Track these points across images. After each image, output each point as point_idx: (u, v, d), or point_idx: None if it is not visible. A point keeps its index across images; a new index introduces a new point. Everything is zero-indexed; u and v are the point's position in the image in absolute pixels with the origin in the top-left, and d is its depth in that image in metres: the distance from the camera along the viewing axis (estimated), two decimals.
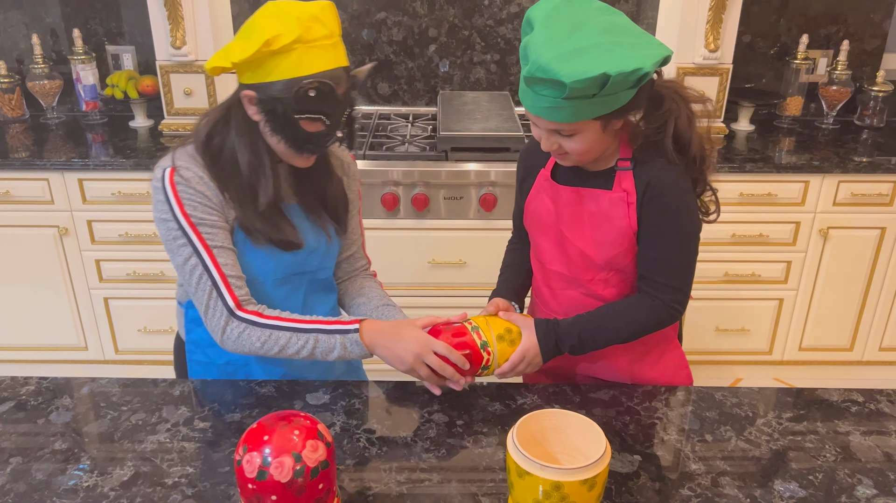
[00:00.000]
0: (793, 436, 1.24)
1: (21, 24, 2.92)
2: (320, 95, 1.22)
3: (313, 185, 1.40)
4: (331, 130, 1.27)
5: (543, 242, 1.43)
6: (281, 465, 0.96)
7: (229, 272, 1.28)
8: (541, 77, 1.14)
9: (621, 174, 1.31)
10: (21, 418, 1.27)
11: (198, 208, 1.27)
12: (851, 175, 2.55)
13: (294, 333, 1.28)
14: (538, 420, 1.07)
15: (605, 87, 1.14)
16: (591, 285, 1.39)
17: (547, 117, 1.20)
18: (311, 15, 1.20)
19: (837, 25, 2.95)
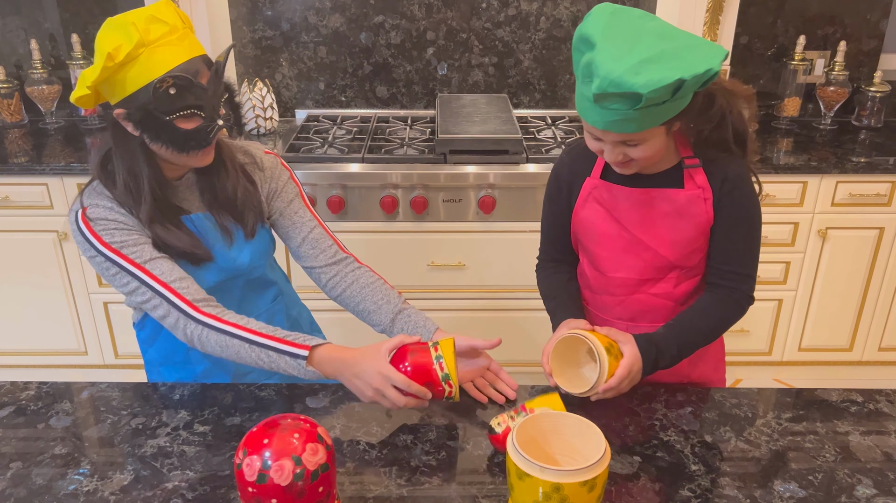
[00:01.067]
0: (792, 436, 1.25)
1: (20, 29, 2.93)
2: (182, 90, 1.19)
3: (213, 189, 1.38)
4: (210, 121, 1.25)
5: (601, 251, 1.41)
6: (281, 469, 0.96)
7: (169, 279, 1.28)
8: (614, 92, 1.12)
9: (691, 171, 1.33)
10: (21, 423, 1.27)
11: (115, 234, 1.28)
12: (850, 175, 2.55)
13: (248, 345, 1.27)
14: (537, 422, 1.07)
15: (678, 92, 1.14)
16: (662, 284, 1.40)
17: (617, 130, 1.19)
18: (147, 16, 1.18)
19: (834, 26, 2.95)
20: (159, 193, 1.31)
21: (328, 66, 2.97)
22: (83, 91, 1.21)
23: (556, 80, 3.01)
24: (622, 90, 1.11)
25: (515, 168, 2.47)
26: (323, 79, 3.00)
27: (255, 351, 1.27)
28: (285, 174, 1.50)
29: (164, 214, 1.32)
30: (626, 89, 1.11)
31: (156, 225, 1.31)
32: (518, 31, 2.93)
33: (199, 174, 1.37)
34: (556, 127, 2.84)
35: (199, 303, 1.29)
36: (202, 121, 1.24)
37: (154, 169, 1.30)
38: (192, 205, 1.38)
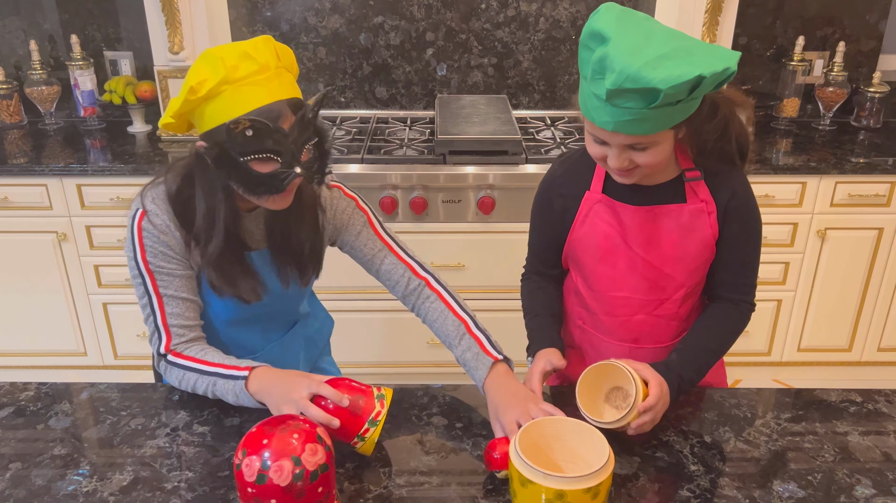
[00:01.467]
0: (791, 436, 1.25)
1: (19, 30, 2.93)
2: (259, 133, 1.15)
3: (282, 230, 1.36)
4: (287, 167, 1.19)
5: (603, 269, 1.37)
6: (280, 469, 0.96)
7: (172, 321, 1.31)
8: (630, 87, 1.07)
9: (693, 185, 1.30)
10: (20, 424, 1.27)
11: (158, 256, 1.29)
12: (848, 176, 2.55)
13: (199, 375, 1.29)
14: (540, 428, 1.07)
15: (694, 91, 1.09)
16: (665, 305, 1.36)
17: (628, 131, 1.14)
18: (240, 53, 1.15)
19: (833, 27, 2.96)
20: (231, 228, 1.29)
21: (327, 67, 2.98)
22: (168, 119, 1.21)
23: (556, 81, 3.01)
24: (640, 85, 1.06)
25: (515, 169, 2.47)
26: (322, 79, 3.00)
27: (206, 380, 1.28)
28: (350, 205, 1.44)
29: (229, 251, 1.30)
30: (644, 84, 1.06)
31: (212, 268, 1.29)
32: (517, 31, 2.93)
33: (270, 210, 1.32)
34: (556, 127, 2.84)
35: (176, 347, 1.32)
36: (278, 165, 1.19)
37: (231, 205, 1.27)
38: (254, 240, 1.36)
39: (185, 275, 1.32)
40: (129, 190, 2.53)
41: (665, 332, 1.40)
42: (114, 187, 2.53)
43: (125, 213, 1.32)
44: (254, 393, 1.23)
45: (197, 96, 1.15)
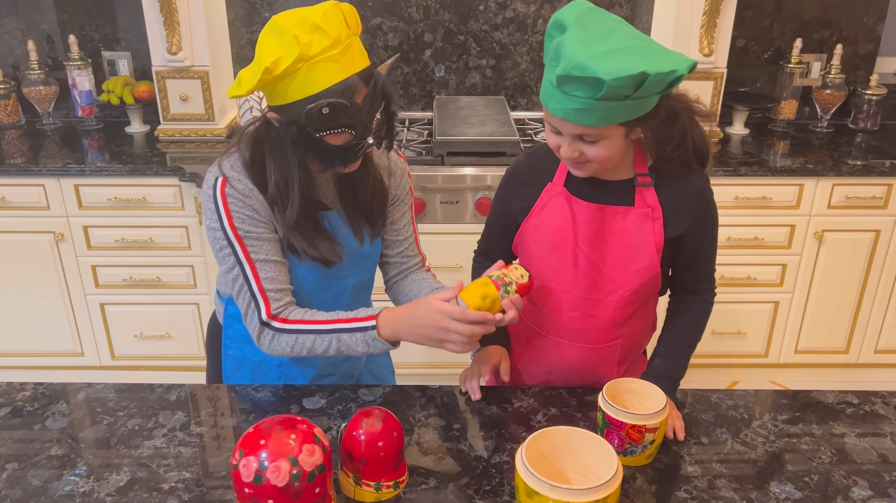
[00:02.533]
0: (788, 438, 1.25)
1: (17, 30, 2.92)
2: (335, 110, 1.17)
3: (352, 189, 1.38)
4: (360, 139, 1.22)
5: (550, 260, 1.38)
6: (278, 470, 0.96)
7: (268, 286, 1.29)
8: (577, 75, 1.11)
9: (642, 189, 1.32)
10: (17, 424, 1.27)
11: (246, 221, 1.28)
12: (846, 178, 2.56)
13: (317, 335, 1.28)
14: (548, 437, 1.06)
15: (640, 89, 1.12)
16: (600, 306, 1.37)
17: (576, 120, 1.17)
18: (311, 26, 1.14)
19: (831, 30, 2.96)
20: (307, 192, 1.30)
21: None
22: (241, 92, 1.18)
23: None
24: (585, 74, 1.10)
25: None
26: None
27: (326, 338, 1.27)
28: (407, 183, 1.48)
29: (306, 214, 1.30)
30: (590, 74, 1.10)
31: (295, 231, 1.29)
32: (515, 33, 2.93)
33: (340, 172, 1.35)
34: None
35: (278, 312, 1.30)
36: (352, 137, 1.21)
37: (305, 172, 1.29)
38: (329, 200, 1.37)
39: (273, 237, 1.30)
40: (127, 190, 2.53)
41: (595, 334, 1.40)
42: (111, 187, 2.53)
43: (124, 214, 1.31)
44: (388, 337, 1.26)
45: (272, 75, 1.15)
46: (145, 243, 2.59)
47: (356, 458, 1.08)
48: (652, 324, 1.50)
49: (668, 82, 1.14)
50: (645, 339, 1.51)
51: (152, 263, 2.63)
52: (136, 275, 2.65)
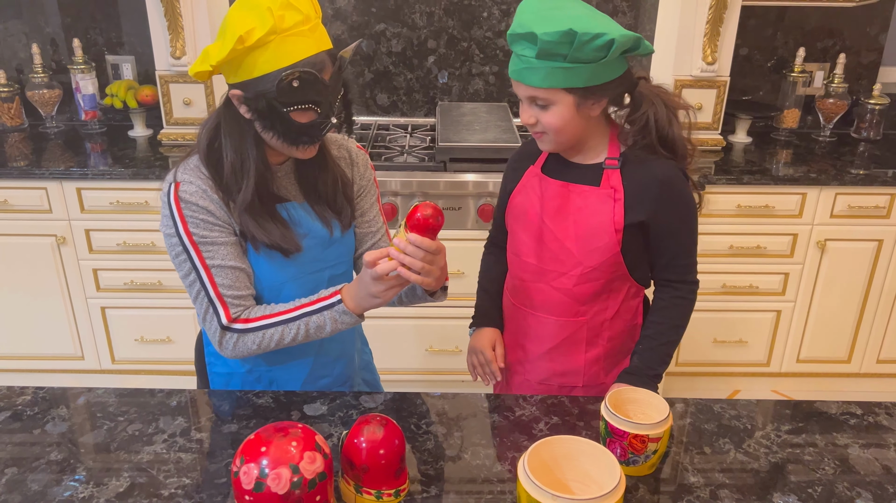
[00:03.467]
0: (791, 448, 1.24)
1: (21, 33, 2.93)
2: (305, 84, 1.19)
3: (312, 179, 1.37)
4: (324, 118, 1.24)
5: (522, 235, 1.48)
6: (278, 477, 0.95)
7: (226, 292, 1.28)
8: (518, 33, 1.27)
9: (609, 172, 1.39)
10: (17, 428, 1.26)
11: (200, 226, 1.26)
12: (848, 187, 2.56)
13: (284, 325, 1.28)
14: (550, 447, 1.05)
15: (573, 48, 1.23)
16: (562, 279, 1.44)
17: (524, 80, 1.30)
18: (283, 2, 1.16)
19: (834, 39, 2.96)
20: (263, 177, 1.29)
21: None
22: (205, 67, 1.19)
23: None
24: (524, 30, 1.25)
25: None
26: None
27: (293, 326, 1.28)
28: (371, 174, 1.49)
29: (261, 201, 1.29)
30: (527, 29, 1.25)
31: (248, 215, 1.28)
32: None
33: (298, 163, 1.36)
34: None
35: (237, 316, 1.29)
36: (317, 116, 1.23)
37: (261, 151, 1.28)
38: (289, 193, 1.36)
39: (230, 241, 1.29)
40: (130, 194, 2.53)
41: (559, 306, 1.46)
42: (114, 191, 2.53)
43: (125, 218, 1.31)
44: (353, 309, 1.26)
45: (244, 45, 1.15)
46: (147, 247, 2.59)
47: (357, 466, 1.08)
48: (630, 325, 1.50)
49: (599, 45, 1.23)
50: (624, 338, 1.51)
51: (154, 267, 2.62)
52: (138, 278, 2.65)
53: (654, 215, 1.37)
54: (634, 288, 1.46)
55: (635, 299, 1.48)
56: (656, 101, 1.36)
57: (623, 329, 1.49)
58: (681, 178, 1.39)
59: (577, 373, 1.50)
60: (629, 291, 1.46)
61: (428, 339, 2.72)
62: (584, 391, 1.51)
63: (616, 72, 1.30)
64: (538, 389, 1.53)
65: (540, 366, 1.52)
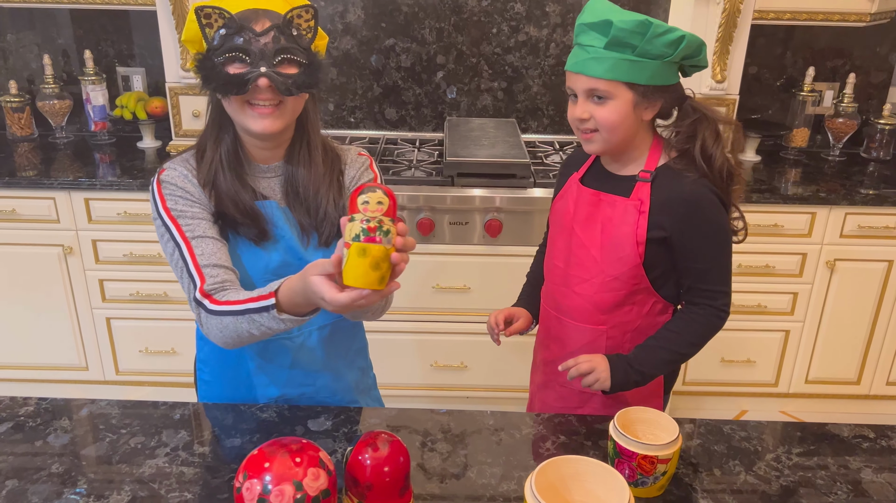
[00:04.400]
0: (803, 471, 1.22)
1: (33, 44, 2.95)
2: (232, 31, 1.21)
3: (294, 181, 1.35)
4: (254, 68, 1.22)
5: (556, 238, 1.52)
6: (281, 494, 0.94)
7: (203, 261, 1.26)
8: (591, 21, 1.30)
9: (640, 185, 1.39)
10: (19, 439, 1.25)
11: (178, 202, 1.29)
12: (858, 207, 2.54)
13: (235, 317, 1.20)
14: (557, 467, 1.03)
15: (645, 39, 1.27)
16: (584, 285, 1.45)
17: (587, 71, 1.31)
18: None
19: (843, 59, 2.96)
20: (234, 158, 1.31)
21: (338, 88, 2.99)
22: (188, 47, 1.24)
23: (565, 106, 3.00)
24: (597, 18, 1.29)
25: (522, 192, 2.46)
26: (333, 100, 3.01)
27: (243, 320, 1.19)
28: (364, 163, 1.43)
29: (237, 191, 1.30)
30: (601, 17, 1.28)
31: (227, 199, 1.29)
32: (527, 56, 2.94)
33: (286, 168, 1.35)
34: (564, 152, 2.84)
35: (211, 290, 1.24)
36: (248, 67, 1.22)
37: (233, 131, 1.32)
38: (271, 194, 1.36)
39: (209, 219, 1.30)
40: (137, 205, 2.53)
41: (581, 311, 1.47)
42: (121, 202, 2.53)
43: (132, 229, 1.31)
44: (291, 312, 1.16)
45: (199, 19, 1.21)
46: (153, 258, 2.59)
47: (361, 484, 1.06)
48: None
49: (670, 40, 1.28)
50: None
51: (159, 279, 2.62)
52: (143, 289, 2.65)
53: (677, 233, 1.36)
54: (661, 304, 1.44)
55: (662, 316, 1.46)
56: (704, 112, 1.37)
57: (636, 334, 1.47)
58: (711, 199, 1.36)
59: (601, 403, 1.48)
60: (654, 307, 1.44)
61: (433, 355, 2.71)
62: (603, 402, 1.48)
63: (673, 78, 1.34)
64: (560, 392, 1.55)
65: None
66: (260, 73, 1.22)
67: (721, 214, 1.37)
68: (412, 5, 2.87)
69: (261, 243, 1.33)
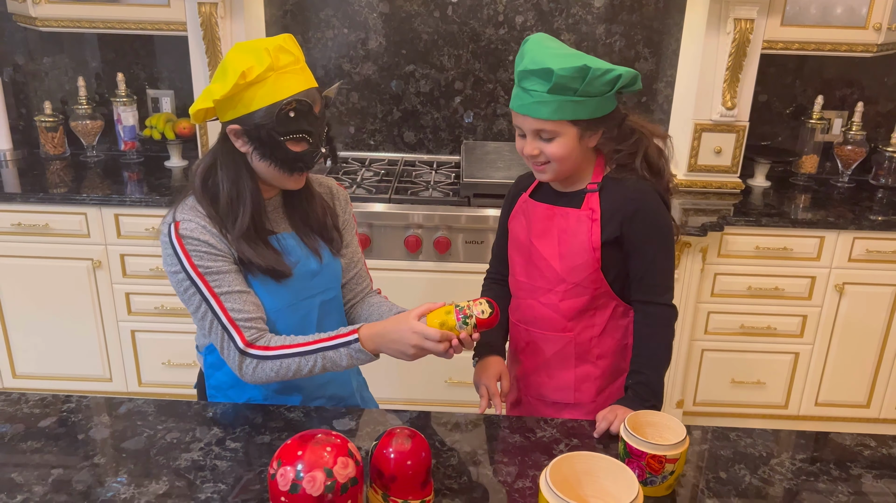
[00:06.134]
0: (806, 476, 1.27)
1: (68, 67, 3.08)
2: (300, 115, 1.32)
3: (300, 210, 1.48)
4: (315, 147, 1.37)
5: (516, 256, 1.60)
6: (313, 480, 1.01)
7: (237, 316, 1.36)
8: (532, 69, 1.36)
9: (589, 195, 1.49)
10: (62, 433, 1.33)
11: (203, 258, 1.35)
12: (866, 232, 2.59)
13: (301, 357, 1.35)
14: (571, 463, 1.09)
15: (585, 83, 1.35)
16: (549, 295, 1.53)
17: (533, 114, 1.39)
18: (276, 46, 1.32)
19: (852, 88, 3.03)
20: (257, 206, 1.40)
21: (359, 111, 3.09)
22: (207, 104, 1.32)
23: None
24: (538, 66, 1.35)
25: None
26: (353, 123, 3.11)
27: (310, 359, 1.35)
28: (350, 210, 1.62)
29: (255, 230, 1.40)
30: (541, 66, 1.35)
31: (244, 241, 1.38)
32: None
33: (286, 197, 1.47)
34: None
35: (254, 341, 1.37)
36: (309, 146, 1.36)
37: (255, 183, 1.40)
38: (279, 225, 1.47)
39: (233, 269, 1.38)
40: None
41: (548, 321, 1.55)
42: (150, 218, 2.63)
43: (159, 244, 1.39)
44: (371, 349, 1.35)
45: (246, 81, 1.29)
46: None
47: (385, 475, 1.13)
48: (621, 345, 1.55)
49: (608, 80, 1.36)
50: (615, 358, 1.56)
51: None
52: (168, 303, 2.73)
53: (626, 228, 1.45)
54: (622, 307, 1.52)
55: (624, 318, 1.53)
56: (646, 132, 1.48)
57: (613, 348, 1.54)
58: (654, 197, 1.47)
59: (567, 388, 1.56)
60: (616, 310, 1.52)
61: (447, 371, 2.77)
62: (574, 409, 1.56)
63: (612, 106, 1.43)
64: (535, 405, 1.62)
65: (534, 380, 1.60)
66: (321, 153, 1.38)
67: (664, 211, 1.48)
68: (432, 33, 2.98)
69: (280, 281, 1.43)
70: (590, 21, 2.95)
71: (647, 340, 1.49)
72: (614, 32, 2.96)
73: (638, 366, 1.48)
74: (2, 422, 1.36)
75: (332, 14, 2.95)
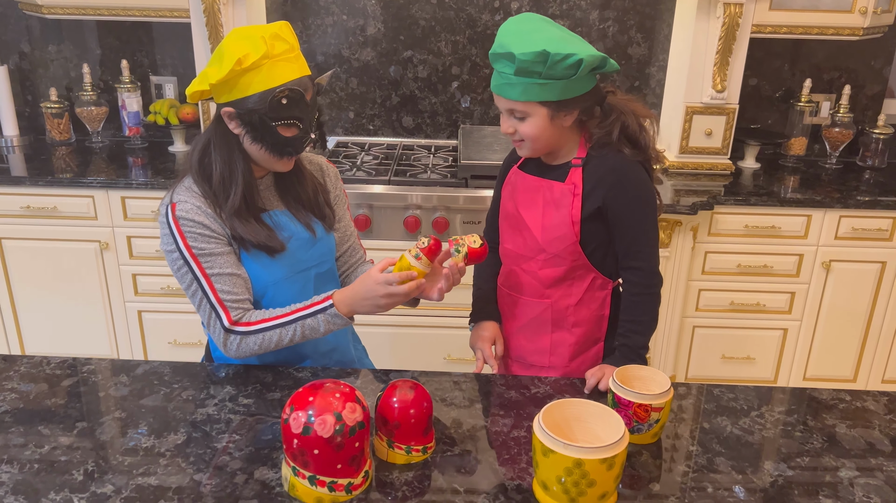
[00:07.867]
0: (783, 426, 1.36)
1: (73, 55, 3.14)
2: (291, 102, 1.38)
3: (292, 189, 1.55)
4: (305, 133, 1.43)
5: (504, 224, 1.67)
6: (324, 423, 1.09)
7: (225, 297, 1.44)
8: (498, 52, 1.42)
9: (573, 170, 1.54)
10: (84, 391, 1.41)
11: (198, 239, 1.43)
12: (852, 210, 2.67)
13: (281, 328, 1.44)
14: (562, 408, 1.17)
15: (547, 66, 1.38)
16: (531, 263, 1.60)
17: (504, 94, 1.46)
18: (272, 33, 1.37)
19: (840, 71, 3.11)
20: (249, 186, 1.46)
21: (358, 97, 3.16)
22: (203, 87, 1.38)
23: None
24: (504, 50, 1.40)
25: None
26: (353, 108, 3.18)
27: (290, 328, 1.43)
28: (341, 185, 1.69)
29: (247, 207, 1.47)
30: (506, 49, 1.40)
31: (236, 219, 1.45)
32: None
33: (277, 177, 1.54)
34: None
35: (238, 319, 1.45)
36: (299, 131, 1.42)
37: (247, 163, 1.46)
38: (271, 203, 1.54)
39: (226, 251, 1.45)
40: None
41: (528, 287, 1.63)
42: (155, 200, 2.70)
43: None
44: (345, 313, 1.43)
45: (241, 67, 1.35)
46: None
47: (390, 423, 1.21)
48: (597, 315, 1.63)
49: (569, 65, 1.38)
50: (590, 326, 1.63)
51: None
52: (174, 283, 2.80)
53: (609, 200, 1.50)
54: (601, 279, 1.59)
55: (602, 291, 1.60)
56: (626, 110, 1.52)
57: (589, 317, 1.62)
58: (637, 168, 1.52)
59: (543, 352, 1.64)
60: (594, 282, 1.59)
61: (446, 348, 2.85)
62: (549, 371, 1.64)
63: (586, 87, 1.46)
64: (513, 366, 1.71)
65: (514, 342, 1.69)
66: (311, 139, 1.45)
67: (646, 180, 1.53)
68: (429, 19, 3.05)
69: (274, 256, 1.50)
70: (583, 7, 3.02)
71: (633, 306, 1.56)
72: (607, 18, 3.03)
73: (624, 330, 1.56)
74: (26, 382, 1.44)
75: (331, 1, 3.02)
